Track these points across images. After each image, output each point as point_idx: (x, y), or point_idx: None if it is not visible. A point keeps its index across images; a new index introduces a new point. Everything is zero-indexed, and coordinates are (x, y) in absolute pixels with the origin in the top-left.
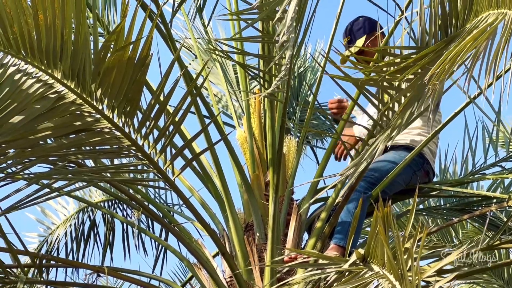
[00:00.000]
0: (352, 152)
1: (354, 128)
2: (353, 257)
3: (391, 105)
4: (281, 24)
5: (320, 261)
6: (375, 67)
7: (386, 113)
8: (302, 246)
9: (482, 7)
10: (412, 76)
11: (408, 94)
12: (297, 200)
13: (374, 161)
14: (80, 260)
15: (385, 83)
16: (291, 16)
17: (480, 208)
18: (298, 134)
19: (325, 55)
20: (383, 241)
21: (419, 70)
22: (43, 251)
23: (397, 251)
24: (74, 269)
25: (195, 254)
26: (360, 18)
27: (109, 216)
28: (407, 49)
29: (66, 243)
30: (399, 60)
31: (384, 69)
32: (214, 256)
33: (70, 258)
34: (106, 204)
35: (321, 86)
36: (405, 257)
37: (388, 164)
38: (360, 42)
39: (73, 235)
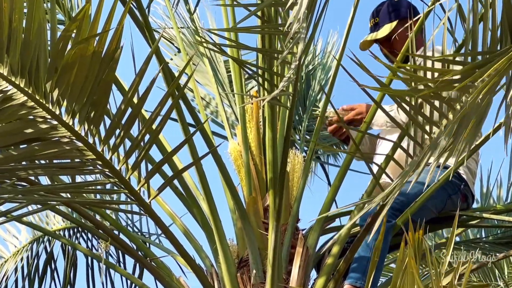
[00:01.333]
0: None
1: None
2: None
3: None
4: (293, 10)
5: None
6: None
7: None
8: (310, 287)
9: None
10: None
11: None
12: (303, 230)
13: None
14: None
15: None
16: (306, 1)
17: None
18: (306, 148)
19: (340, 51)
20: (415, 277)
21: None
22: None
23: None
24: None
25: None
26: None
27: (70, 247)
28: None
29: (16, 281)
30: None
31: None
32: None
33: None
34: (66, 233)
35: (335, 88)
36: None
37: (416, 186)
38: (387, 28)
39: (25, 270)
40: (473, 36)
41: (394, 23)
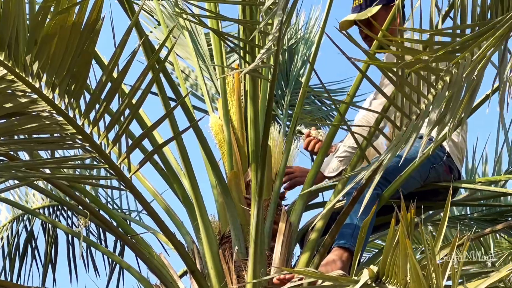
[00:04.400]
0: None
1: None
2: (364, 276)
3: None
4: None
5: (320, 282)
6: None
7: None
8: (293, 263)
9: None
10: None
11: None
12: (286, 206)
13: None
14: (15, 281)
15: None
16: None
17: None
18: (288, 123)
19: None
20: (410, 254)
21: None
22: None
23: (429, 266)
24: None
25: (157, 273)
26: None
27: (50, 225)
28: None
29: None
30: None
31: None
32: (181, 276)
33: (2, 278)
34: (46, 211)
35: (318, 62)
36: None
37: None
38: (370, 11)
39: (6, 250)
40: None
41: (378, 7)
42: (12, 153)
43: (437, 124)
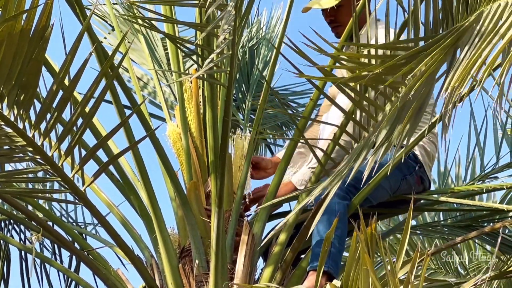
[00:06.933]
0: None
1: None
2: None
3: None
4: None
5: None
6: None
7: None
8: (256, 277)
9: None
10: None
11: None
12: (248, 216)
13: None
14: None
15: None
16: None
17: (491, 224)
18: (250, 129)
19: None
20: (370, 270)
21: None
22: None
23: (389, 283)
24: None
25: None
26: None
27: (2, 241)
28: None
29: None
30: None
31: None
32: None
33: None
34: None
35: (281, 63)
36: None
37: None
38: None
39: None
40: (415, 18)
41: None
42: None
43: (382, 143)
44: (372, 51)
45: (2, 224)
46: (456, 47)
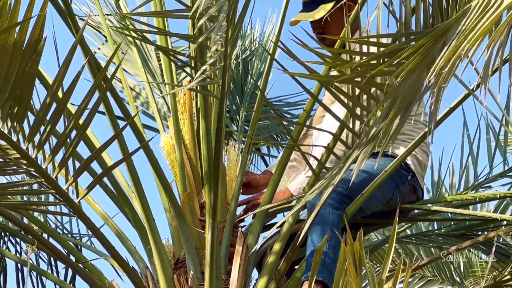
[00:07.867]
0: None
1: (292, 183)
2: None
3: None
4: None
5: None
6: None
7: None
8: (251, 287)
9: None
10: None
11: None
12: (242, 227)
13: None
14: None
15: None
16: None
17: (485, 233)
18: (244, 139)
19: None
20: (354, 284)
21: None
22: None
23: None
24: None
25: None
26: None
27: None
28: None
29: None
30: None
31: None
32: None
33: None
34: None
35: (274, 74)
36: None
37: (362, 174)
38: (324, 8)
39: None
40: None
41: (331, 4)
42: None
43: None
44: (364, 48)
45: None
46: (444, 40)
